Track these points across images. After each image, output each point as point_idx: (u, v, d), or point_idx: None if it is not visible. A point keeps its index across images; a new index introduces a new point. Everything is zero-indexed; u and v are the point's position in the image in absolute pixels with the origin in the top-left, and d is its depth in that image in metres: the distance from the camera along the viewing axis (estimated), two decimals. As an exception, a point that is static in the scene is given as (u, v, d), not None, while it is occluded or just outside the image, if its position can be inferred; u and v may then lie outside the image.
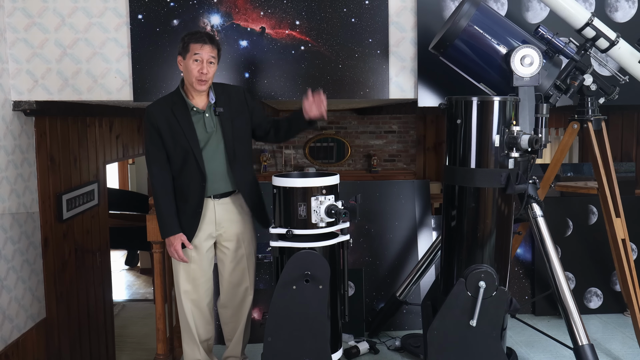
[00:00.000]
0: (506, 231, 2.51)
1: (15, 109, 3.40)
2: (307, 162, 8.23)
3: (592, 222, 3.72)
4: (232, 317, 2.84)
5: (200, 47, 2.57)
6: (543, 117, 2.61)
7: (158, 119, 2.61)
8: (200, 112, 2.64)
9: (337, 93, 3.42)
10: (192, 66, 2.57)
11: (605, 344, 3.21)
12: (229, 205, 2.72)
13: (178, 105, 2.62)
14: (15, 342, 3.43)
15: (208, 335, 2.81)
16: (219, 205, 2.69)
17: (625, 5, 3.45)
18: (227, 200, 2.71)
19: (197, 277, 2.72)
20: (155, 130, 2.61)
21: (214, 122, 2.65)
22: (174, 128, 2.60)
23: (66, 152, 4.12)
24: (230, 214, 2.72)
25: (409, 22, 3.42)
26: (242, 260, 2.78)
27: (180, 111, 2.61)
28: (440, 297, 2.57)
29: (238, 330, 2.84)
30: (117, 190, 8.96)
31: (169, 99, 2.67)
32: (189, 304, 2.73)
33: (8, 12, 3.33)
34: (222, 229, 2.72)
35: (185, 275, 2.71)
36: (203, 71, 2.56)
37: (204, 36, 2.61)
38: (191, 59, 2.57)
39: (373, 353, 3.13)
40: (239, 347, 2.86)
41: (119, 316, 6.72)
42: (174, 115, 2.60)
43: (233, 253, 2.75)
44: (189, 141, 2.59)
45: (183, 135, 2.59)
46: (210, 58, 2.59)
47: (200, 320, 2.76)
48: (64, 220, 4.03)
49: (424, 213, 3.59)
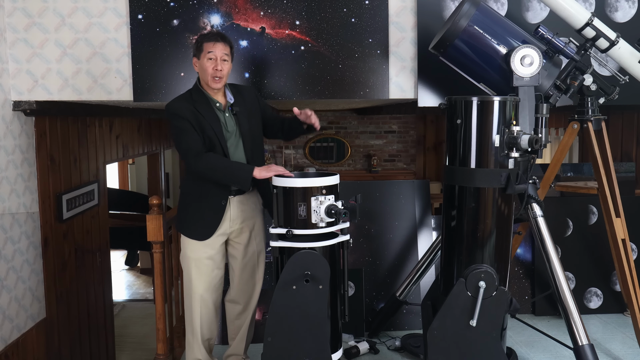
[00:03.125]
0: (506, 231, 2.51)
1: (15, 109, 3.40)
2: (307, 162, 8.23)
3: (592, 222, 3.72)
4: (239, 314, 2.86)
5: (213, 45, 2.62)
6: (543, 117, 2.61)
7: (185, 111, 2.60)
8: (221, 110, 2.68)
9: (337, 93, 3.42)
10: (206, 64, 2.61)
11: (605, 344, 3.21)
12: (244, 203, 2.75)
13: (199, 102, 2.64)
14: (15, 342, 3.43)
15: (211, 334, 2.82)
16: (234, 202, 2.71)
17: (625, 5, 3.45)
18: (242, 197, 2.74)
19: (209, 273, 2.73)
20: (185, 120, 2.59)
21: (233, 122, 2.69)
22: (201, 122, 2.60)
23: (66, 152, 4.12)
24: (244, 211, 2.75)
25: (409, 22, 3.42)
26: (253, 257, 2.81)
27: (204, 107, 2.63)
28: (440, 297, 2.57)
29: (242, 328, 2.86)
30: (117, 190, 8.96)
31: (188, 97, 2.67)
32: (201, 307, 2.73)
33: (8, 12, 3.33)
34: (236, 226, 2.74)
35: (198, 276, 2.72)
36: (217, 68, 2.60)
37: (216, 35, 2.66)
38: (205, 57, 2.61)
39: (373, 353, 3.13)
40: (242, 345, 2.87)
41: (119, 316, 6.72)
42: (198, 111, 2.61)
43: (244, 249, 2.78)
44: (216, 133, 2.61)
45: (210, 128, 2.60)
46: (223, 55, 2.63)
47: (207, 318, 2.77)
48: (64, 220, 4.03)
49: (424, 213, 3.59)
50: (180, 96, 2.72)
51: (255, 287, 2.85)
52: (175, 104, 2.64)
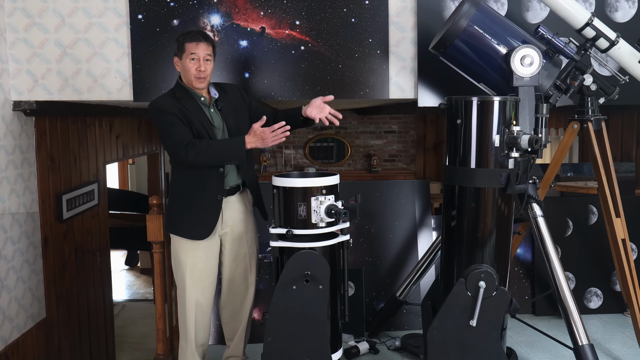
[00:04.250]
0: (506, 231, 2.51)
1: (15, 109, 3.40)
2: (307, 162, 8.22)
3: (592, 222, 3.72)
4: (232, 316, 2.83)
5: (196, 45, 2.58)
6: (543, 117, 2.61)
7: (171, 107, 2.57)
8: (206, 105, 2.65)
9: (337, 93, 3.41)
10: (189, 65, 2.58)
11: (605, 344, 3.21)
12: (235, 204, 2.73)
13: (184, 99, 2.61)
14: (15, 342, 3.43)
15: (204, 340, 2.79)
16: (225, 203, 2.69)
17: (625, 5, 3.45)
18: (233, 198, 2.72)
19: (204, 278, 2.69)
20: (172, 115, 2.54)
21: (219, 117, 2.67)
22: (188, 116, 2.57)
23: (66, 152, 4.12)
24: (236, 212, 2.73)
25: (409, 22, 3.42)
26: (245, 260, 2.78)
27: (189, 103, 2.60)
28: (440, 297, 2.57)
29: (239, 330, 2.84)
30: (117, 190, 8.96)
31: (171, 95, 2.64)
32: (194, 311, 2.69)
33: (8, 12, 3.33)
34: (228, 228, 2.72)
35: (191, 280, 2.67)
36: (201, 69, 2.58)
37: (198, 34, 2.62)
38: (188, 58, 2.58)
39: (373, 353, 3.13)
40: (241, 346, 2.86)
41: (119, 316, 6.72)
42: (183, 106, 2.59)
43: (235, 252, 2.76)
44: (204, 126, 2.59)
45: (198, 121, 2.58)
46: (206, 55, 2.60)
47: (202, 324, 2.73)
48: (64, 220, 4.03)
49: (424, 213, 3.59)
50: (163, 95, 2.69)
51: (249, 290, 2.81)
52: (159, 101, 2.62)
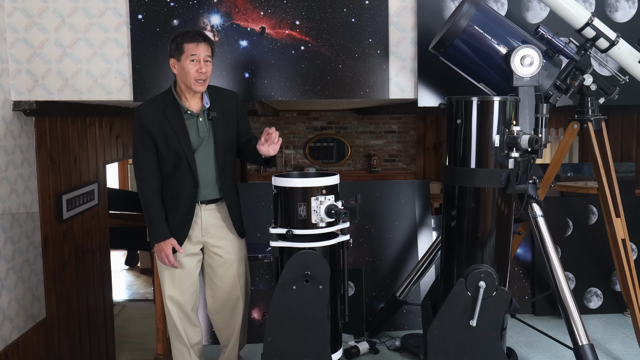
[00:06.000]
0: (506, 231, 2.51)
1: (15, 109, 3.40)
2: (307, 162, 8.22)
3: (592, 222, 3.72)
4: (225, 323, 2.80)
5: (196, 46, 2.51)
6: (543, 117, 2.61)
7: (149, 121, 2.53)
8: (194, 116, 2.57)
9: (337, 93, 3.42)
10: (189, 67, 2.50)
11: (605, 344, 3.21)
12: (215, 211, 2.68)
13: (170, 107, 2.55)
14: (15, 342, 3.43)
15: (197, 338, 2.78)
16: (205, 210, 2.65)
17: (625, 5, 3.45)
18: (213, 206, 2.67)
19: (183, 281, 2.68)
20: (146, 132, 2.53)
21: (207, 127, 2.59)
22: (167, 131, 2.53)
23: (66, 152, 4.12)
24: (216, 219, 2.68)
25: (409, 22, 3.42)
26: (232, 266, 2.72)
27: (173, 114, 2.54)
28: (440, 297, 2.57)
29: (233, 336, 2.80)
30: (117, 190, 8.96)
31: (160, 101, 2.59)
32: (175, 309, 2.69)
33: (8, 12, 3.33)
34: (209, 235, 2.68)
35: (170, 280, 2.67)
36: (202, 70, 2.50)
37: (198, 35, 2.54)
38: (187, 59, 2.50)
39: (373, 353, 3.13)
40: (235, 352, 2.84)
41: (119, 316, 6.72)
42: (166, 118, 2.53)
43: (222, 259, 2.71)
44: (182, 146, 2.53)
45: (176, 139, 2.52)
46: (206, 57, 2.53)
47: (188, 324, 2.73)
48: (64, 220, 4.03)
49: (424, 213, 3.59)
50: (152, 100, 2.63)
51: (239, 298, 2.75)
52: (143, 110, 2.56)
